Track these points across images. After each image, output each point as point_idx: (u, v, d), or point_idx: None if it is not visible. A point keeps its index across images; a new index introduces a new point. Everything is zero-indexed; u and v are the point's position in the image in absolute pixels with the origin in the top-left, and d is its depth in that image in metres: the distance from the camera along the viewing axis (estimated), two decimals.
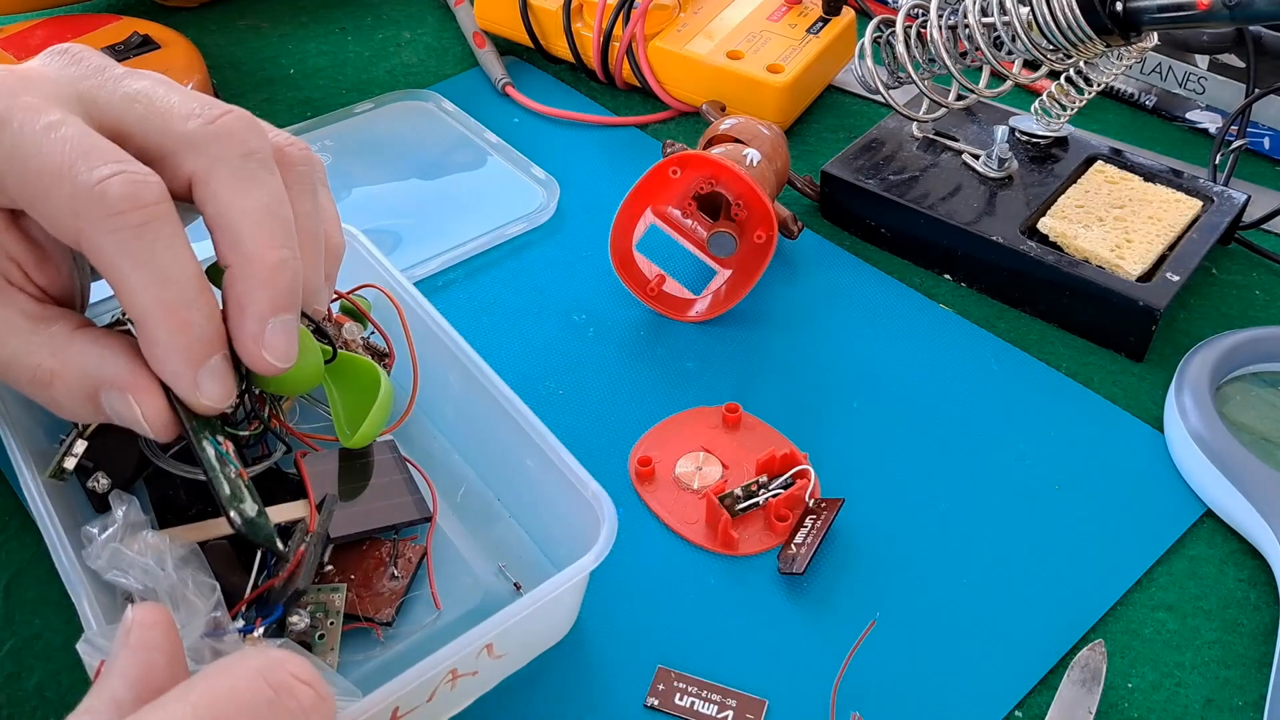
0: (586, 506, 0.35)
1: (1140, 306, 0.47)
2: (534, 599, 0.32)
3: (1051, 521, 0.42)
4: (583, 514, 0.35)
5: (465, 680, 0.33)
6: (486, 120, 0.62)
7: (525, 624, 0.32)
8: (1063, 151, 0.56)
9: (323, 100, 0.65)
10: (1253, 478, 0.41)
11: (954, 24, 0.52)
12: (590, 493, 0.35)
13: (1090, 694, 0.36)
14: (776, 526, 0.41)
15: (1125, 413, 0.46)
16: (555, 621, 0.37)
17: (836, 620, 0.39)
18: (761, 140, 0.52)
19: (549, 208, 0.56)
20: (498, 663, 0.35)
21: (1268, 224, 0.56)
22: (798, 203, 0.57)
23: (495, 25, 0.67)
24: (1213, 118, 0.62)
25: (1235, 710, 0.36)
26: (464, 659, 0.32)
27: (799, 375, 0.48)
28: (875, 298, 0.52)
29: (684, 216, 0.49)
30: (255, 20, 0.72)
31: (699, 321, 0.50)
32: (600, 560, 0.33)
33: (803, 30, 0.63)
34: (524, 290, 0.52)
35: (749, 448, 0.44)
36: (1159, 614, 0.39)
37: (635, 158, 0.60)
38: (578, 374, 0.48)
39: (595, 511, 0.34)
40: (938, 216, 0.52)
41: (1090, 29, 0.48)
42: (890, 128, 0.57)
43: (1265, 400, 0.46)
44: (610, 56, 0.64)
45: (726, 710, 0.36)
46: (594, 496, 0.35)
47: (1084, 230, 0.50)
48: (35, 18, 0.64)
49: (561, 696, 0.36)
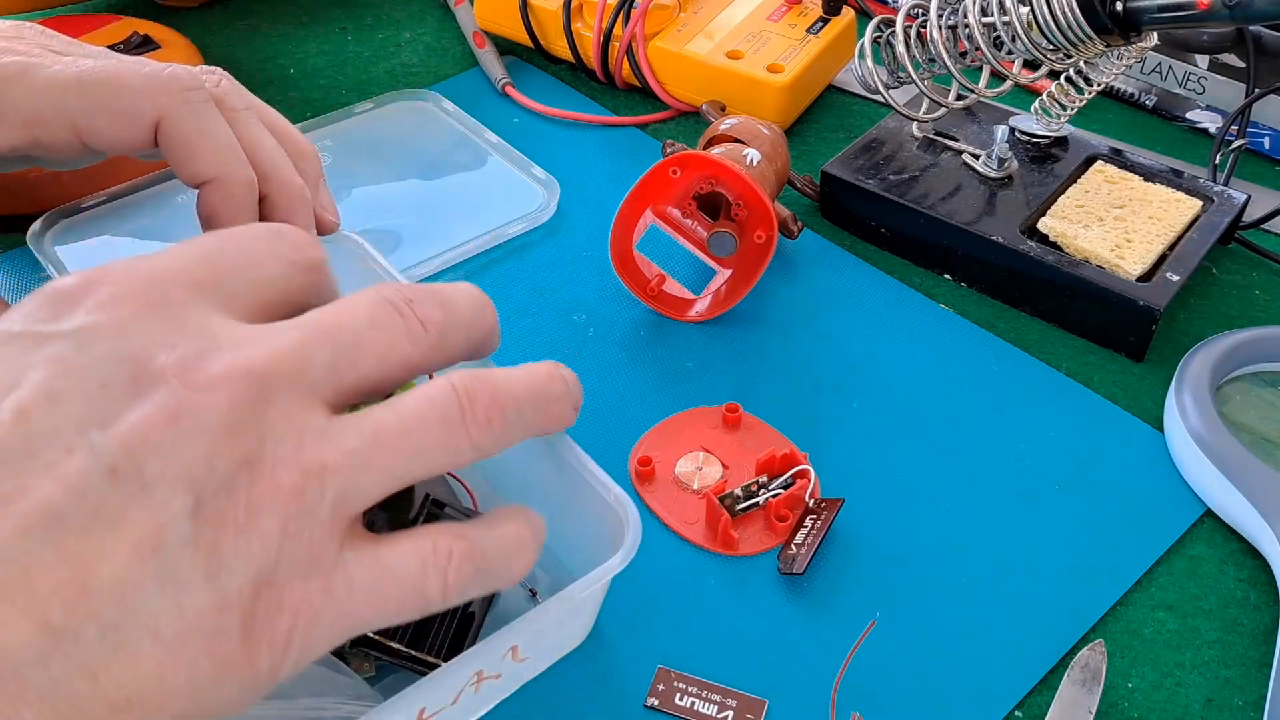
0: (607, 509, 0.34)
1: (1140, 306, 0.47)
2: (561, 601, 0.32)
3: (1051, 521, 0.42)
4: (601, 518, 0.34)
5: (489, 683, 0.33)
6: (486, 120, 0.62)
7: (551, 626, 0.32)
8: (1063, 151, 0.56)
9: (323, 100, 0.65)
10: (1253, 478, 0.41)
11: (954, 24, 0.52)
12: (614, 496, 0.34)
13: (1090, 694, 0.36)
14: (776, 527, 0.41)
15: (1125, 413, 0.46)
16: (578, 624, 0.37)
17: (836, 620, 0.39)
18: (761, 140, 0.52)
19: (549, 208, 0.56)
20: (520, 665, 0.34)
21: (1268, 224, 0.55)
22: (798, 203, 0.57)
23: (495, 25, 0.67)
24: (1213, 118, 0.62)
25: (1235, 710, 0.36)
26: (489, 661, 0.31)
27: (799, 375, 0.48)
28: (875, 298, 0.52)
29: (684, 216, 0.49)
30: (255, 20, 0.72)
31: (699, 321, 0.50)
32: (626, 563, 0.33)
33: (803, 30, 0.63)
34: (524, 290, 0.52)
35: (749, 448, 0.44)
36: (1159, 614, 0.39)
37: (635, 158, 0.60)
38: (578, 374, 0.48)
39: (619, 515, 0.34)
40: (938, 216, 0.52)
41: (1090, 29, 0.48)
42: (890, 128, 0.57)
43: (1265, 400, 0.46)
44: (610, 56, 0.64)
45: (726, 710, 0.36)
46: (617, 500, 0.34)
47: (1084, 230, 0.50)
48: (35, 17, 0.64)
49: (561, 697, 0.36)
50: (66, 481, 0.22)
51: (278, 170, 0.39)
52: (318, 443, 0.25)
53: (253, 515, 0.24)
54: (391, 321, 0.27)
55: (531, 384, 0.30)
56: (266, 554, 0.24)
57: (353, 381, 0.27)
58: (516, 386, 0.29)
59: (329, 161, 0.59)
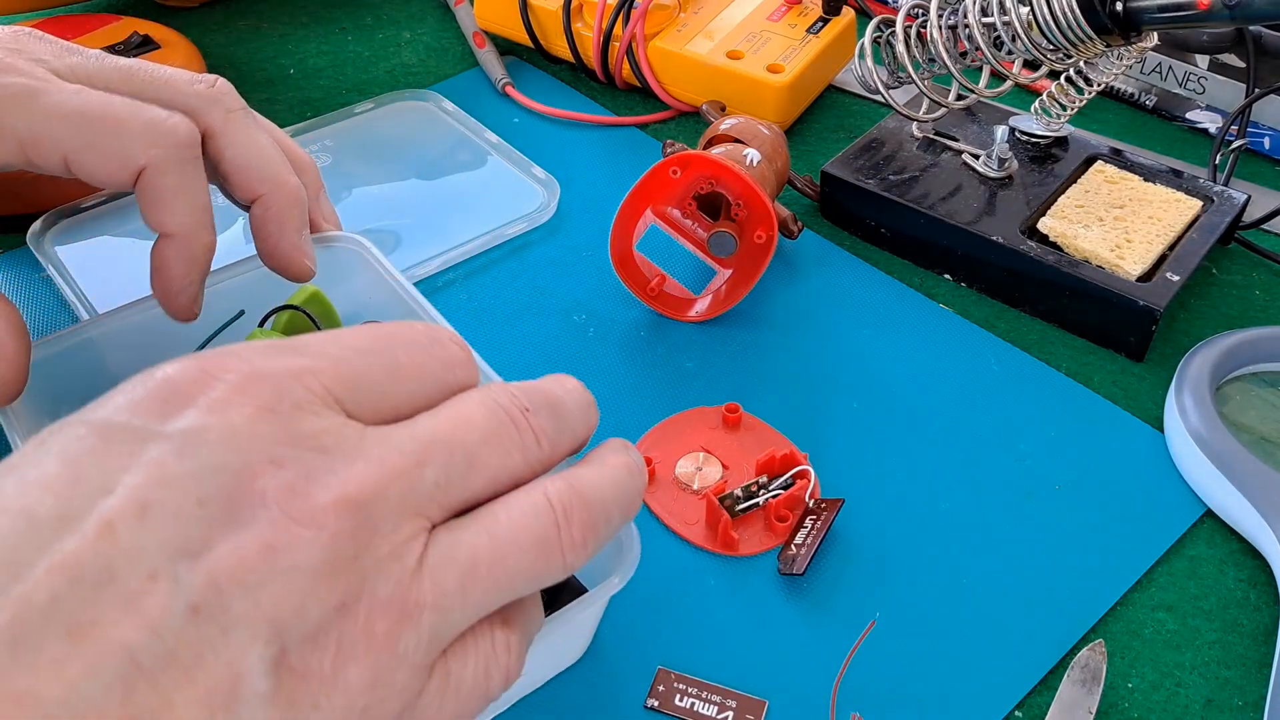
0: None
1: (1140, 306, 0.47)
2: (556, 619, 0.31)
3: (1052, 521, 0.42)
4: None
5: None
6: (486, 120, 0.62)
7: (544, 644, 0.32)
8: (1063, 151, 0.56)
9: (323, 100, 0.65)
10: (1253, 478, 0.41)
11: (954, 24, 0.52)
12: None
13: (1090, 694, 0.36)
14: (776, 527, 0.41)
15: (1125, 413, 0.46)
16: (574, 643, 0.36)
17: (836, 620, 0.39)
18: (761, 140, 0.52)
19: (549, 208, 0.56)
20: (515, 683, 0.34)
21: (1268, 224, 0.55)
22: (798, 203, 0.57)
23: (495, 25, 0.67)
24: (1213, 118, 0.62)
25: (1235, 710, 0.36)
26: None
27: (799, 375, 0.48)
28: (875, 298, 0.52)
29: (684, 216, 0.49)
30: (255, 20, 0.72)
31: (699, 321, 0.50)
32: (625, 583, 0.32)
33: (803, 30, 0.63)
34: (524, 290, 0.52)
35: (749, 448, 0.44)
36: (1159, 614, 0.39)
37: (635, 158, 0.60)
38: (578, 374, 0.47)
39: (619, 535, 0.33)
40: (938, 216, 0.52)
41: (1090, 29, 0.48)
42: (890, 128, 0.57)
43: (1265, 400, 0.46)
44: (610, 56, 0.64)
45: (726, 711, 0.36)
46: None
47: (1084, 230, 0.50)
48: (35, 18, 0.64)
49: (561, 698, 0.36)
50: (146, 618, 0.20)
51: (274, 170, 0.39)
52: (415, 581, 0.23)
53: (341, 666, 0.22)
54: (507, 435, 0.26)
55: (618, 487, 0.28)
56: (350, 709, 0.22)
57: (460, 500, 0.25)
58: (606, 494, 0.27)
59: (329, 162, 0.59)
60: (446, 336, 0.28)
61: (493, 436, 0.26)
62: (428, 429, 0.25)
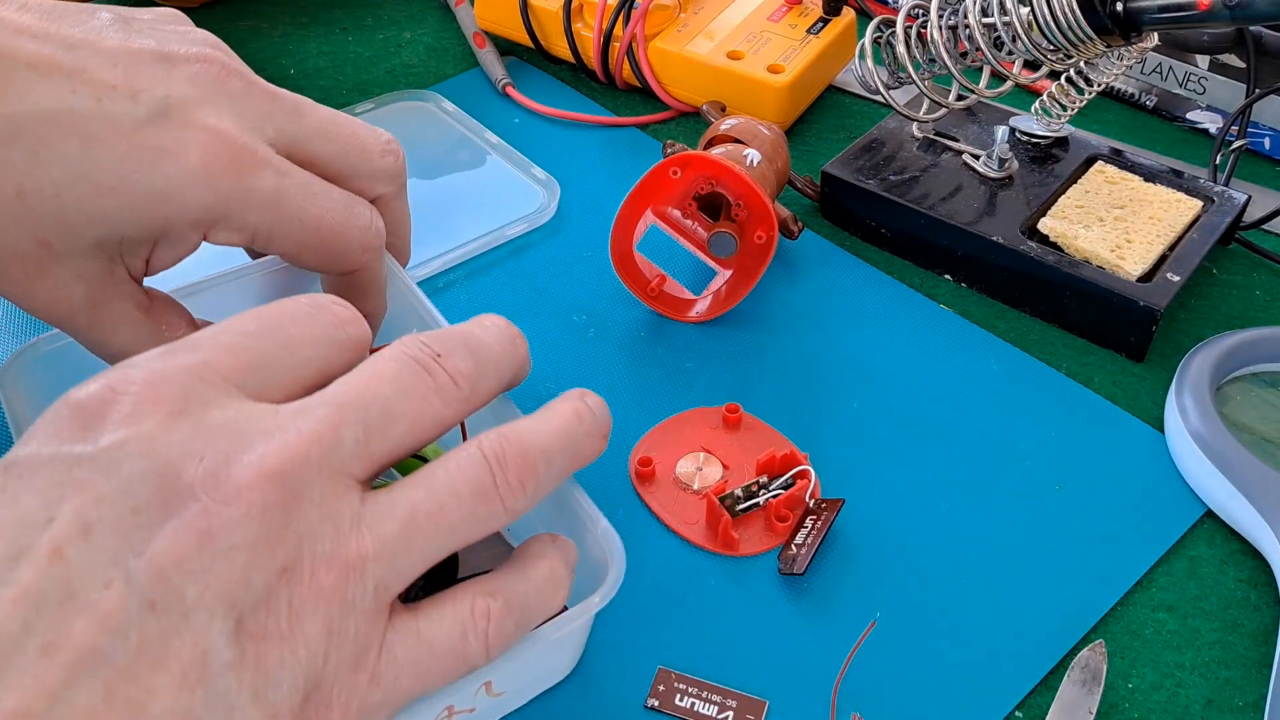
0: (595, 544, 0.33)
1: (1140, 307, 0.47)
2: (536, 638, 0.31)
3: (1051, 521, 0.42)
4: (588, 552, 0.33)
5: (462, 717, 0.32)
6: (486, 120, 0.62)
7: (526, 662, 0.31)
8: (1063, 151, 0.56)
9: (323, 100, 0.63)
10: (1253, 478, 0.41)
11: (954, 24, 0.52)
12: (600, 530, 0.33)
13: (1090, 694, 0.36)
14: (777, 527, 0.41)
15: (1125, 413, 0.46)
16: (558, 660, 0.36)
17: (836, 620, 0.39)
18: (761, 140, 0.52)
19: (549, 208, 0.56)
20: (496, 701, 0.33)
21: (1268, 224, 0.55)
22: (798, 203, 0.57)
23: (495, 25, 0.67)
24: (1213, 118, 0.62)
25: (1235, 711, 0.36)
26: (461, 696, 0.31)
27: (799, 375, 0.48)
28: (875, 298, 0.52)
29: (684, 217, 0.49)
30: (255, 20, 0.72)
31: (699, 322, 0.50)
32: (607, 602, 0.32)
33: (803, 30, 0.63)
34: (524, 291, 0.52)
35: (749, 448, 0.44)
36: (1159, 614, 0.39)
37: (635, 158, 0.61)
38: (578, 374, 0.48)
39: (603, 551, 0.32)
40: (938, 217, 0.52)
41: (1090, 29, 0.48)
42: (890, 128, 0.57)
43: (1265, 400, 0.46)
44: (610, 57, 0.64)
45: (727, 711, 0.36)
46: (604, 534, 0.32)
47: (1084, 230, 0.50)
48: None
49: (561, 698, 0.36)
50: (108, 621, 0.22)
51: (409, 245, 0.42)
52: (354, 533, 0.25)
53: (296, 622, 0.24)
54: (420, 382, 0.27)
55: (560, 430, 0.29)
56: (313, 659, 0.24)
57: (384, 452, 0.27)
58: (545, 438, 0.28)
59: None
60: (329, 300, 0.29)
61: (406, 386, 0.27)
62: (339, 391, 0.27)
